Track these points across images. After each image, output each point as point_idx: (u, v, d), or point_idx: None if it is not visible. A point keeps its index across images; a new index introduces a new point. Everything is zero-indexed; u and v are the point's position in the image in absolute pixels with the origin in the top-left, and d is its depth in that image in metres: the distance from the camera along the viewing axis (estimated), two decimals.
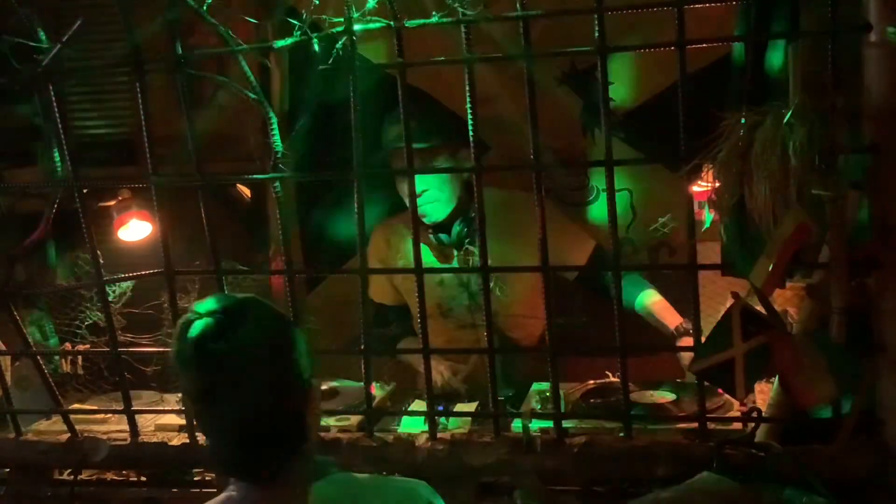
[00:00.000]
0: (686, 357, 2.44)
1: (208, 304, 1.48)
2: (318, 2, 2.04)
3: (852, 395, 1.89)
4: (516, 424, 2.22)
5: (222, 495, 1.52)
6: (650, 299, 2.75)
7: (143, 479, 2.42)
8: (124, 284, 2.87)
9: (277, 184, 2.20)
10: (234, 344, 1.43)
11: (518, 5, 1.99)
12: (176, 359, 1.47)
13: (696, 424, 2.10)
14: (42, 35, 2.18)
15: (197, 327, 1.44)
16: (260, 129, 2.51)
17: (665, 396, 2.44)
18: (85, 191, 2.28)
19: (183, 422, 2.36)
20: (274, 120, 2.19)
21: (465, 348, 2.86)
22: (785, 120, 1.77)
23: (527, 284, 2.73)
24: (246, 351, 1.44)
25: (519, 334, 2.85)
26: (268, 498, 1.49)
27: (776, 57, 2.06)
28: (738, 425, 2.16)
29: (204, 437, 1.52)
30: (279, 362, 1.48)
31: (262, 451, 1.47)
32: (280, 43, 2.16)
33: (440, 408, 2.38)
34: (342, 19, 2.04)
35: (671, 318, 2.67)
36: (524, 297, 2.79)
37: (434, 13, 2.03)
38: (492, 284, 2.76)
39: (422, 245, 2.45)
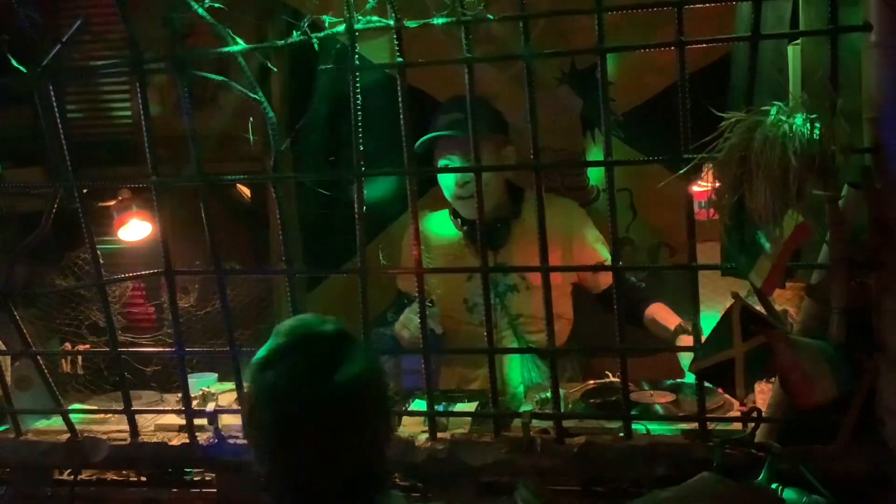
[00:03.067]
0: (686, 357, 2.44)
1: (314, 325, 1.38)
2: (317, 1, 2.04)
3: (852, 395, 1.88)
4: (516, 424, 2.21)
5: None
6: (650, 308, 2.76)
7: (143, 479, 2.42)
8: (124, 285, 2.87)
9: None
10: (332, 385, 1.33)
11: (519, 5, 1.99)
12: (267, 388, 1.34)
13: (696, 424, 2.10)
14: (42, 35, 2.18)
15: (298, 366, 1.34)
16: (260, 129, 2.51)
17: (665, 396, 2.44)
18: (85, 191, 2.28)
19: (183, 422, 2.36)
20: (274, 120, 2.19)
21: (465, 347, 2.85)
22: (785, 120, 1.77)
23: (556, 281, 2.71)
24: (344, 392, 1.34)
25: (541, 337, 2.83)
26: None
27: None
28: (738, 425, 2.16)
29: (267, 481, 1.40)
30: (377, 397, 1.41)
31: (346, 494, 1.37)
32: (280, 43, 2.16)
33: (440, 408, 2.38)
34: (342, 19, 2.05)
35: (672, 319, 2.67)
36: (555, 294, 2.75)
37: (434, 13, 2.03)
38: (514, 283, 2.78)
39: (455, 240, 2.47)
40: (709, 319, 1.99)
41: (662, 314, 2.73)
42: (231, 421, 2.34)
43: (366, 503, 1.39)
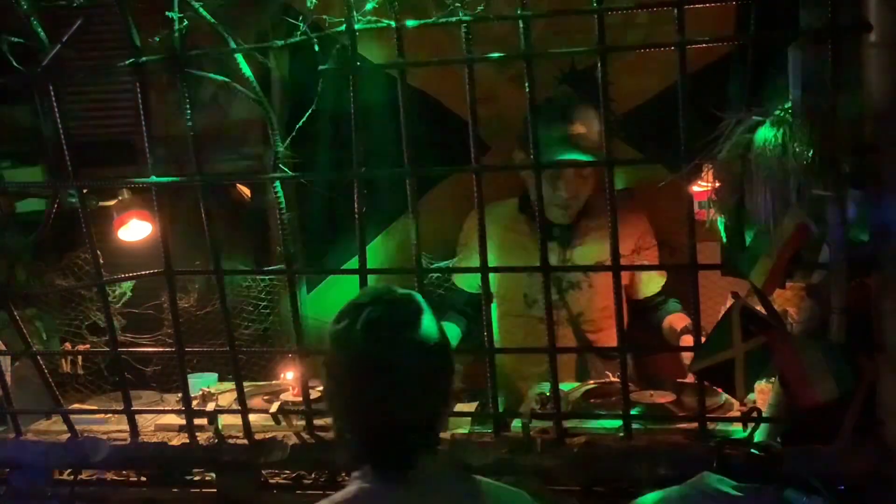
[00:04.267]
0: (688, 357, 2.44)
1: (385, 292, 1.52)
2: (317, 1, 2.04)
3: (852, 395, 1.88)
4: (516, 424, 2.21)
5: (353, 487, 1.53)
6: (669, 317, 2.80)
7: (143, 479, 2.42)
8: (124, 284, 2.87)
9: (277, 184, 2.20)
10: (406, 336, 1.47)
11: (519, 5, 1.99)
12: (341, 336, 1.48)
13: (696, 424, 2.10)
14: (42, 35, 2.18)
15: (376, 312, 1.47)
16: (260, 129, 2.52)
17: (665, 396, 2.44)
18: (85, 191, 2.28)
19: (183, 422, 2.36)
20: (274, 120, 2.19)
21: (471, 348, 2.84)
22: (785, 120, 1.77)
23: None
24: (415, 344, 1.47)
25: (601, 336, 2.83)
26: (399, 491, 1.50)
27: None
28: (738, 425, 2.16)
29: (337, 425, 1.57)
30: (437, 361, 1.52)
31: (401, 443, 1.50)
32: (280, 43, 2.16)
33: None
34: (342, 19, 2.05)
35: (681, 323, 2.69)
36: (608, 299, 2.75)
37: (434, 13, 2.03)
38: (577, 280, 2.78)
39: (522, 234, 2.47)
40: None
41: (675, 319, 2.76)
42: (231, 421, 2.34)
43: (416, 454, 1.51)
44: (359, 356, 1.48)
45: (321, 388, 2.55)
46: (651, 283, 2.91)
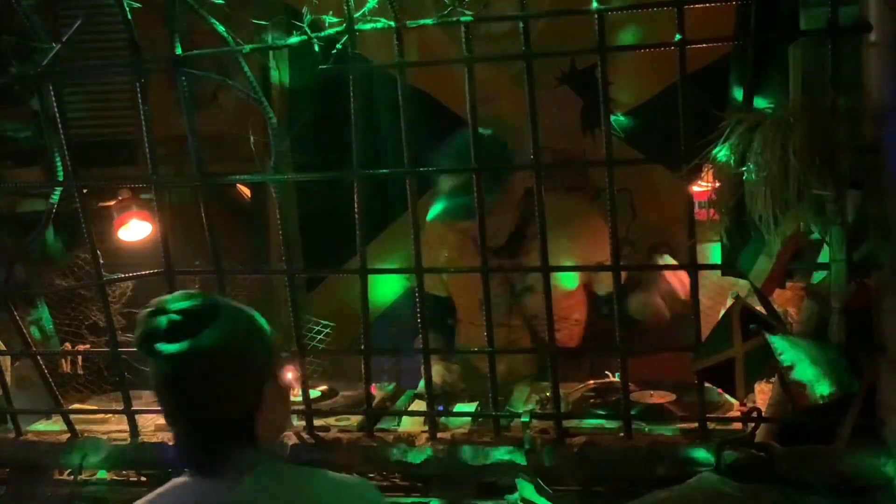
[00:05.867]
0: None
1: (171, 301, 1.55)
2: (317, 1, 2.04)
3: (852, 395, 1.88)
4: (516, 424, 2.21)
5: (171, 482, 1.62)
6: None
7: (143, 479, 2.42)
8: (124, 284, 2.87)
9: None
10: (181, 346, 1.50)
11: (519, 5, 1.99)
12: (138, 346, 1.54)
13: (696, 424, 2.10)
14: (42, 35, 2.18)
15: (150, 324, 1.52)
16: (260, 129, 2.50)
17: (665, 396, 2.44)
18: (85, 191, 2.28)
19: None
20: (274, 120, 2.19)
21: (468, 348, 2.85)
22: (785, 120, 1.77)
23: (574, 279, 2.71)
24: (192, 355, 1.51)
25: (558, 336, 2.83)
26: (206, 487, 1.57)
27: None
28: (738, 425, 2.16)
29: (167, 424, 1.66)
30: (230, 365, 1.55)
31: (204, 445, 1.56)
32: (280, 43, 2.16)
33: (440, 408, 2.38)
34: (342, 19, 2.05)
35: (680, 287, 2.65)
36: (561, 300, 2.76)
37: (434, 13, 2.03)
38: (533, 284, 2.77)
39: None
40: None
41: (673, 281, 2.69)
42: None
43: (228, 450, 1.57)
44: (149, 368, 1.55)
45: (321, 387, 2.56)
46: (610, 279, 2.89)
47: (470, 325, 2.88)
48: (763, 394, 2.18)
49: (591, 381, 2.57)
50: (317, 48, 2.09)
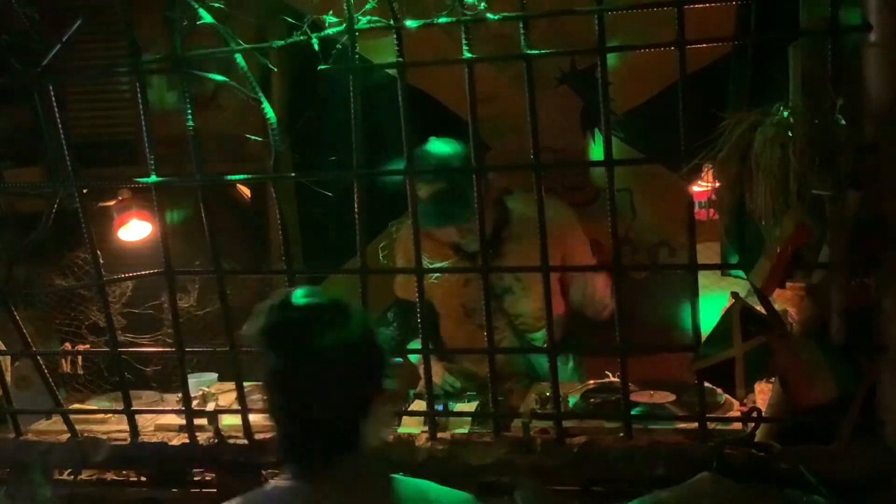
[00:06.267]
0: None
1: (297, 296, 1.52)
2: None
3: (852, 395, 1.88)
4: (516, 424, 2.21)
5: (272, 482, 1.57)
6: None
7: (143, 479, 2.42)
8: (124, 284, 2.87)
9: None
10: (304, 342, 1.47)
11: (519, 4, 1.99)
12: (259, 338, 1.50)
13: (696, 424, 2.10)
14: (42, 35, 2.18)
15: (275, 316, 1.48)
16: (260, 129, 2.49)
17: (665, 396, 2.44)
18: (85, 191, 2.28)
19: (183, 422, 2.36)
20: (274, 120, 2.19)
21: (466, 347, 2.85)
22: (785, 120, 1.77)
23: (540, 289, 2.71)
24: (322, 349, 1.47)
25: (539, 334, 2.85)
26: (310, 489, 1.52)
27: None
28: (738, 425, 2.16)
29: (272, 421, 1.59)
30: (349, 367, 1.51)
31: (310, 446, 1.52)
32: (280, 43, 2.16)
33: (440, 408, 2.38)
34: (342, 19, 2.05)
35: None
36: (541, 300, 2.76)
37: (434, 13, 2.03)
38: (512, 285, 2.78)
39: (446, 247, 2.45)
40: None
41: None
42: (231, 421, 2.34)
43: (334, 455, 1.53)
44: (265, 360, 1.50)
45: None
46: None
47: (455, 329, 2.89)
48: (763, 394, 2.18)
49: (591, 381, 2.58)
50: (317, 48, 2.09)
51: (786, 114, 1.79)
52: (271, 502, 1.54)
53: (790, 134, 1.76)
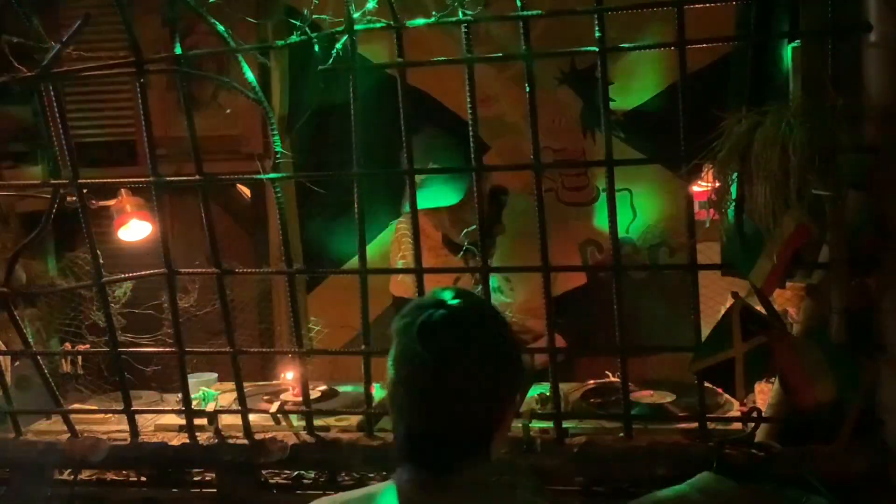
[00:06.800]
0: None
1: (447, 296, 1.49)
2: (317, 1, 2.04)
3: (852, 395, 1.88)
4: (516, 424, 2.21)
5: (384, 483, 1.53)
6: None
7: (143, 479, 2.42)
8: (124, 284, 2.87)
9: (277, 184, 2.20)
10: (469, 340, 1.44)
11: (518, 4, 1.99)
12: (398, 333, 1.47)
13: (696, 424, 2.10)
14: (42, 35, 2.18)
15: (423, 316, 1.45)
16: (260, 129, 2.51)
17: (665, 396, 2.44)
18: (85, 191, 2.28)
19: (183, 422, 2.36)
20: (274, 120, 2.19)
21: None
22: (785, 120, 1.77)
23: (537, 285, 2.73)
24: (466, 351, 1.44)
25: (529, 335, 2.86)
26: (425, 495, 1.48)
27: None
28: (738, 425, 2.16)
29: (392, 417, 1.54)
30: (496, 373, 1.47)
31: (442, 448, 1.47)
32: (280, 43, 2.16)
33: None
34: (342, 19, 2.05)
35: None
36: (535, 298, 2.78)
37: (434, 13, 2.03)
38: (500, 284, 2.79)
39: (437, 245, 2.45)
40: None
41: None
42: (231, 421, 2.34)
43: (456, 461, 1.47)
44: (409, 357, 1.45)
45: (321, 387, 2.56)
46: (572, 278, 2.98)
47: None
48: (763, 394, 2.18)
49: (591, 381, 2.57)
50: (317, 48, 2.09)
51: (786, 114, 1.79)
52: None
53: (790, 134, 1.76)
